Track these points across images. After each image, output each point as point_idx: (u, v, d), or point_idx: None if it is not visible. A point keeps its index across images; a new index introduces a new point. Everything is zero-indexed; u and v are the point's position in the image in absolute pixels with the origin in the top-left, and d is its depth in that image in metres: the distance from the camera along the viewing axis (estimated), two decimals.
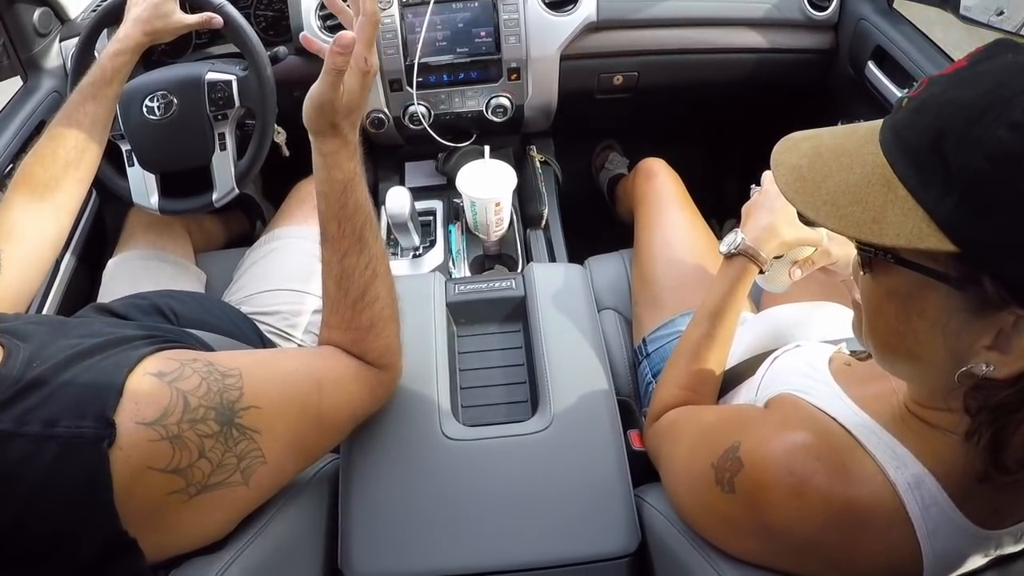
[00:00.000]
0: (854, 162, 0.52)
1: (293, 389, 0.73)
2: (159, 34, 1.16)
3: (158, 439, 0.58)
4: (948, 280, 0.48)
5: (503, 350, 1.09)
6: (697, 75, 1.62)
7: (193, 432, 0.60)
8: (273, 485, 0.71)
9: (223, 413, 0.63)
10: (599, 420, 0.95)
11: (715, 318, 0.92)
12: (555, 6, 1.45)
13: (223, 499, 0.63)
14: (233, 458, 0.63)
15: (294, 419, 0.71)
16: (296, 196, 1.52)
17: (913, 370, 0.58)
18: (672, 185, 1.39)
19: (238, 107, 1.27)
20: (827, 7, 1.51)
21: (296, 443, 0.71)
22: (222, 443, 0.62)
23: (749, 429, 0.68)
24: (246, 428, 0.64)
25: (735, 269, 0.92)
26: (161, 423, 0.58)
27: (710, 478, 0.67)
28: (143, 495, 0.58)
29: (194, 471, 0.60)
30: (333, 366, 0.80)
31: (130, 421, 0.57)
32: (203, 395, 0.62)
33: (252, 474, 0.65)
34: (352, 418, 0.83)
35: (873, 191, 0.49)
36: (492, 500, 0.88)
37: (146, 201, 1.33)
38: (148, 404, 0.59)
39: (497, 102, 1.50)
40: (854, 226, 0.50)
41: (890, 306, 0.54)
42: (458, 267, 1.44)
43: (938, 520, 0.56)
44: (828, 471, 0.58)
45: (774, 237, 0.90)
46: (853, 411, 0.65)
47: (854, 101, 1.52)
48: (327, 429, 0.77)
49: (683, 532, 0.75)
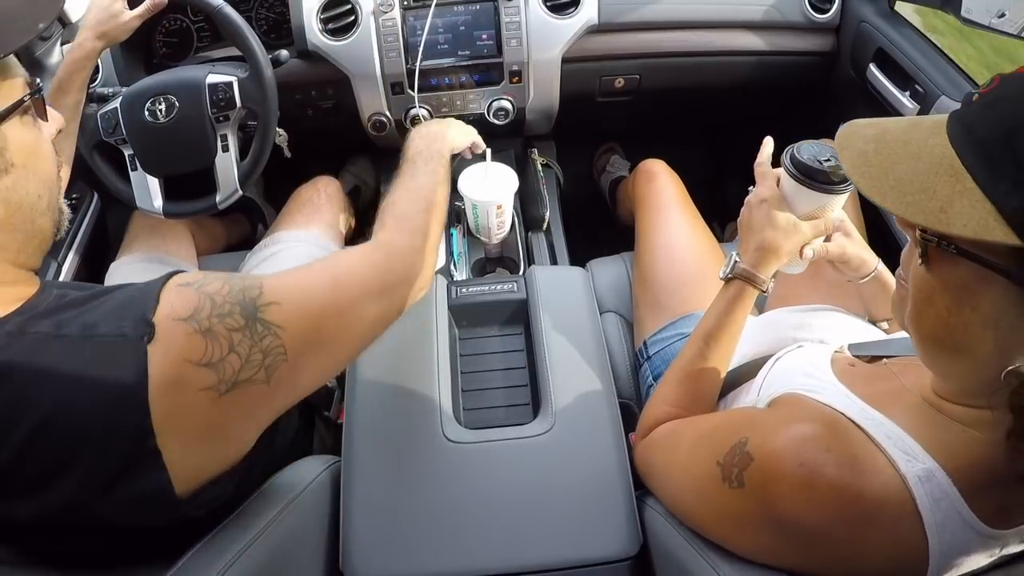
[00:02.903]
0: (921, 151, 0.52)
1: (311, 285, 0.73)
2: (112, 35, 1.18)
3: (193, 332, 0.61)
4: (1009, 275, 0.48)
5: (505, 353, 1.09)
6: (699, 78, 1.62)
7: (222, 326, 0.62)
8: (292, 385, 0.70)
9: (247, 308, 0.65)
10: (601, 423, 0.95)
11: (710, 339, 0.90)
12: (557, 9, 1.45)
13: (247, 397, 0.65)
14: (259, 354, 0.65)
15: (315, 315, 0.71)
16: (297, 199, 1.52)
17: (955, 364, 0.58)
18: (672, 187, 1.39)
19: (239, 108, 1.27)
20: (828, 9, 1.51)
21: (317, 340, 0.71)
22: (248, 337, 0.64)
23: (756, 425, 0.68)
24: (269, 323, 0.66)
25: (733, 291, 0.90)
26: (195, 319, 0.61)
27: (716, 476, 0.67)
28: (177, 392, 0.59)
29: (225, 366, 0.62)
30: (352, 263, 0.80)
31: (167, 319, 0.60)
32: (227, 294, 0.65)
33: (274, 372, 0.66)
34: (376, 318, 0.79)
35: (940, 180, 0.50)
36: (493, 503, 0.88)
37: (150, 205, 1.34)
38: (181, 304, 0.62)
39: (499, 105, 1.50)
40: (921, 213, 0.50)
41: (943, 297, 0.54)
42: (460, 270, 1.44)
43: (947, 514, 0.56)
44: (838, 462, 0.58)
45: (772, 256, 0.88)
46: (860, 407, 0.65)
47: (856, 104, 1.52)
48: (349, 326, 0.75)
49: (684, 535, 0.75)
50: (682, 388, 0.90)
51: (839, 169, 0.83)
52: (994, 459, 0.54)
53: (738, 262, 0.90)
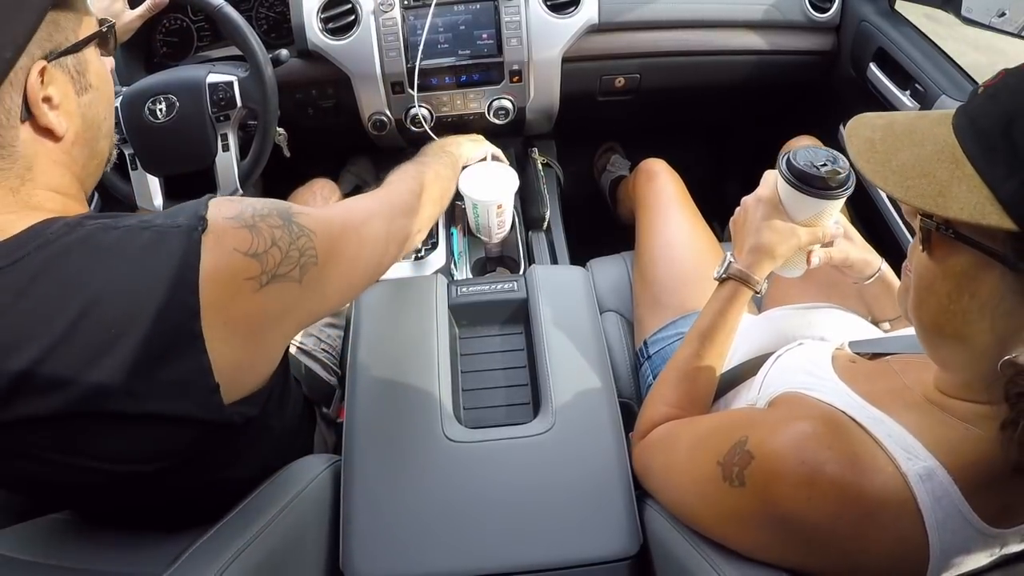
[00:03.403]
0: (925, 139, 0.54)
1: (328, 210, 0.85)
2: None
3: (240, 227, 0.68)
4: (1005, 260, 0.49)
5: (505, 352, 1.09)
6: (699, 77, 1.62)
7: (265, 224, 0.70)
8: (319, 293, 0.76)
9: (283, 212, 0.73)
10: (601, 422, 0.95)
11: (705, 339, 0.90)
12: (557, 8, 1.45)
13: (284, 293, 0.70)
14: (296, 251, 0.72)
15: (338, 229, 0.79)
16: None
17: (955, 353, 0.58)
18: (673, 186, 1.39)
19: (240, 108, 1.27)
20: (828, 9, 1.52)
21: (342, 251, 0.79)
22: (287, 235, 0.71)
23: (755, 424, 0.68)
24: (303, 226, 0.73)
25: (727, 292, 0.90)
26: (240, 216, 0.69)
27: (717, 476, 0.67)
28: (225, 278, 0.65)
29: (268, 257, 0.68)
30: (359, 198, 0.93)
31: (217, 215, 0.67)
32: (264, 202, 0.73)
33: (307, 272, 0.73)
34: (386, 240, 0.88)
35: (941, 166, 0.51)
36: (493, 502, 0.88)
37: (150, 204, 1.33)
38: (228, 208, 0.69)
39: (499, 104, 1.50)
40: (919, 197, 0.52)
41: (944, 284, 0.55)
42: (460, 269, 1.44)
43: (948, 512, 0.56)
44: (839, 460, 0.59)
45: (767, 258, 0.88)
46: (861, 405, 0.65)
47: (856, 103, 1.52)
48: (366, 243, 0.84)
49: (684, 534, 0.75)
50: (679, 388, 0.90)
51: (836, 174, 0.82)
52: (995, 457, 0.54)
53: (732, 263, 0.90)
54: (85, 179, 0.75)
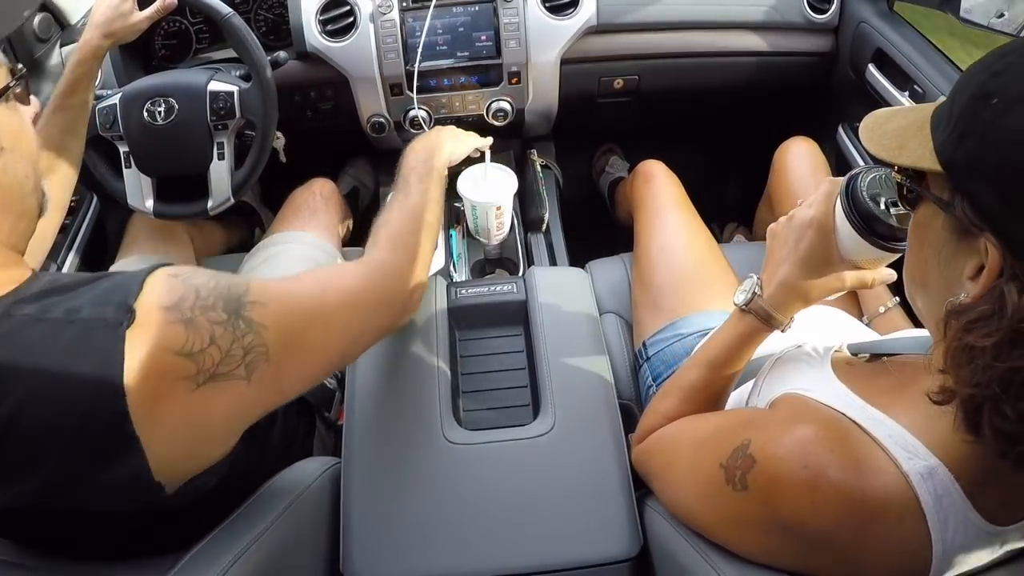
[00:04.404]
0: (914, 113, 0.61)
1: (299, 291, 0.75)
2: (120, 35, 1.18)
3: (174, 321, 0.61)
4: (940, 203, 0.56)
5: (504, 354, 1.09)
6: (697, 78, 1.62)
7: (205, 318, 0.63)
8: (273, 387, 0.70)
9: (231, 303, 0.65)
10: (600, 424, 0.95)
11: (715, 368, 0.85)
12: (555, 10, 1.45)
13: (226, 393, 0.64)
14: (240, 349, 0.65)
15: (300, 319, 0.72)
16: (293, 203, 1.52)
17: (923, 301, 0.63)
18: (671, 188, 1.38)
19: (239, 118, 1.28)
20: (827, 10, 1.52)
21: (301, 345, 0.72)
22: (230, 332, 0.64)
23: (757, 427, 0.68)
24: (253, 321, 0.66)
25: (745, 327, 0.81)
26: (177, 308, 0.62)
27: (719, 479, 0.67)
28: (154, 379, 0.60)
29: (204, 357, 0.62)
30: (341, 275, 0.82)
31: (149, 306, 0.61)
32: (212, 287, 0.65)
33: (255, 370, 0.66)
34: (361, 330, 0.81)
35: (911, 131, 0.59)
36: (494, 504, 0.88)
37: (141, 204, 1.34)
38: (165, 293, 0.63)
39: (498, 106, 1.50)
40: (885, 151, 0.60)
41: (915, 237, 0.63)
42: (459, 271, 1.44)
43: (949, 510, 0.57)
44: (841, 463, 0.59)
45: (799, 301, 0.78)
46: (860, 406, 0.65)
47: (855, 104, 1.52)
48: (334, 335, 0.76)
49: (685, 536, 0.75)
50: (682, 408, 0.87)
51: (907, 219, 0.66)
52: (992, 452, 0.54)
53: (758, 295, 0.79)
54: (17, 241, 0.69)
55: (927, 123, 0.58)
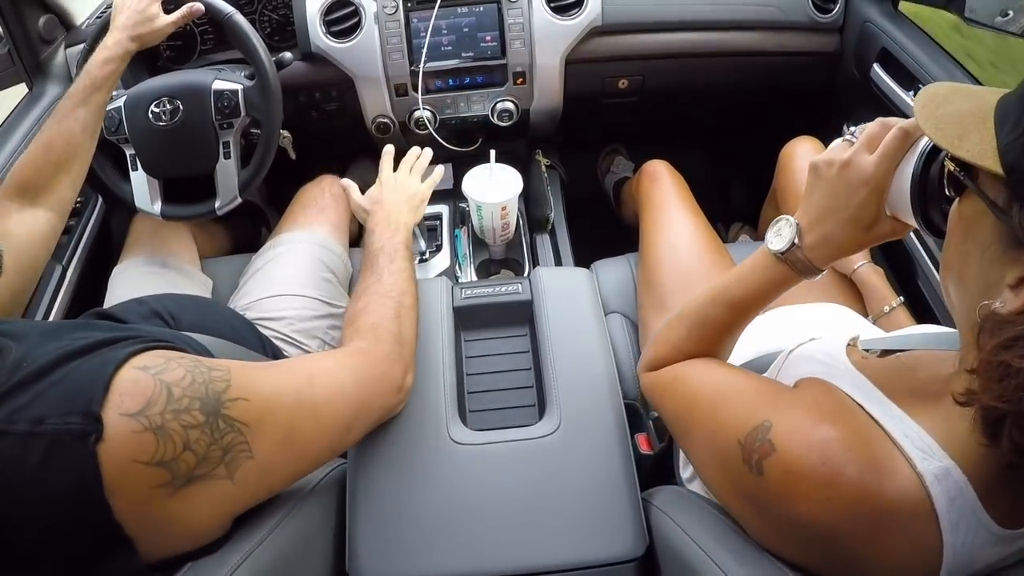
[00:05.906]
0: (975, 99, 0.59)
1: (284, 382, 0.72)
2: (146, 39, 1.18)
3: (142, 430, 0.57)
4: (994, 207, 0.53)
5: (510, 354, 1.09)
6: (702, 78, 1.62)
7: (177, 423, 0.59)
8: (261, 483, 0.68)
9: (208, 403, 0.62)
10: (606, 424, 0.95)
11: (738, 311, 0.83)
12: (560, 10, 1.45)
13: (208, 492, 0.62)
14: (219, 451, 0.62)
15: (286, 414, 0.69)
16: (301, 199, 1.52)
17: (956, 293, 0.62)
18: (676, 187, 1.38)
19: (244, 117, 1.28)
20: (832, 10, 1.52)
21: (289, 440, 0.69)
22: (208, 435, 0.61)
23: (780, 409, 0.67)
24: (233, 420, 0.63)
25: (778, 274, 0.78)
26: (144, 414, 0.58)
27: (737, 456, 0.67)
28: (132, 489, 0.57)
29: (179, 464, 0.59)
30: (328, 364, 0.80)
31: (115, 414, 0.57)
32: (187, 386, 0.61)
33: (237, 468, 0.64)
34: (353, 418, 0.79)
35: (972, 121, 0.56)
36: (499, 504, 0.88)
37: (148, 206, 1.34)
38: (132, 396, 0.58)
39: (503, 106, 1.50)
40: (944, 139, 0.57)
41: (958, 227, 0.60)
42: (464, 272, 1.44)
43: (962, 512, 0.56)
44: (860, 462, 0.58)
45: (837, 252, 0.73)
46: (879, 399, 0.64)
47: (859, 104, 1.52)
48: (324, 428, 0.74)
49: (691, 536, 0.75)
50: (699, 341, 0.85)
51: None
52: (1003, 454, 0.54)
53: (796, 244, 0.74)
54: None
55: (990, 115, 0.55)
